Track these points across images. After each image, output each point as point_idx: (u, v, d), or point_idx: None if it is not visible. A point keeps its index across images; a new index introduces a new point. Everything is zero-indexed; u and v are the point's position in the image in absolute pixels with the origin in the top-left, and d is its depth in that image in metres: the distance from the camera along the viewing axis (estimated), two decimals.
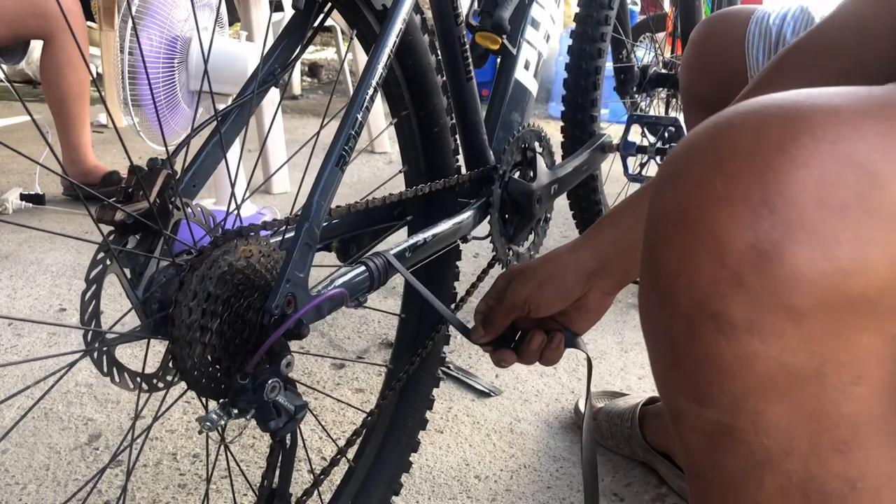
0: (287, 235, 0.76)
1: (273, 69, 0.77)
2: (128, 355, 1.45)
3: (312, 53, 6.18)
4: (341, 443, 1.19)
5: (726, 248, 0.37)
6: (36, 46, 2.92)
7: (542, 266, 0.81)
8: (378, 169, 3.07)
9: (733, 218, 0.37)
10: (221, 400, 0.66)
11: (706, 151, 0.39)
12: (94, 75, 3.87)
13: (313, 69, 5.48)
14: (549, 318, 0.82)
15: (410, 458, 1.06)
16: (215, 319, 0.64)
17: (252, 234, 0.68)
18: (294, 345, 1.60)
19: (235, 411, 0.64)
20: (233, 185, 0.66)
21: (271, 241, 0.71)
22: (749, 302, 0.36)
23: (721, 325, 0.37)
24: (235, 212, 0.72)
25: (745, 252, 0.36)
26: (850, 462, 0.38)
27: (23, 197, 2.36)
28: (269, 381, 0.64)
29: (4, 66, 2.71)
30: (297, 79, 4.84)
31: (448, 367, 1.48)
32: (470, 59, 1.03)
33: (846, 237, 0.35)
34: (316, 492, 0.87)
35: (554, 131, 1.73)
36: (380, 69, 0.74)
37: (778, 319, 0.36)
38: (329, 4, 0.82)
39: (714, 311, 0.37)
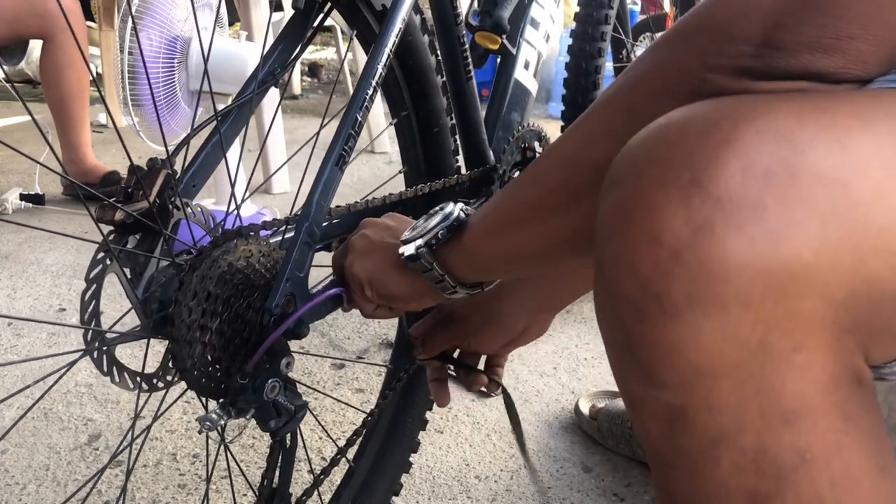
0: (287, 235, 0.76)
1: (273, 69, 0.78)
2: (128, 355, 1.45)
3: (312, 53, 6.18)
4: (341, 443, 1.19)
5: (662, 229, 0.38)
6: (35, 46, 2.92)
7: (485, 305, 0.84)
8: (378, 169, 3.07)
9: (666, 199, 0.38)
10: (221, 400, 0.66)
11: (639, 151, 0.41)
12: (94, 75, 3.88)
13: (313, 69, 5.47)
14: None
15: (410, 459, 1.06)
16: (215, 319, 0.64)
17: (252, 233, 0.68)
18: (294, 345, 1.60)
19: (235, 411, 0.64)
20: (233, 185, 0.66)
21: (271, 240, 0.71)
22: (688, 277, 0.37)
23: (664, 303, 0.38)
24: (235, 212, 0.72)
25: (679, 230, 0.37)
26: (798, 433, 0.38)
27: (22, 197, 2.35)
28: (269, 381, 0.64)
29: (4, 66, 2.71)
30: (297, 79, 4.83)
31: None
32: (470, 60, 1.03)
33: (773, 201, 0.36)
34: (316, 492, 0.87)
35: (554, 131, 1.73)
36: (379, 69, 0.74)
37: (717, 291, 0.37)
38: (329, 4, 0.83)
39: (657, 290, 0.38)
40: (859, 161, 0.37)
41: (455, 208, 0.66)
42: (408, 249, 0.65)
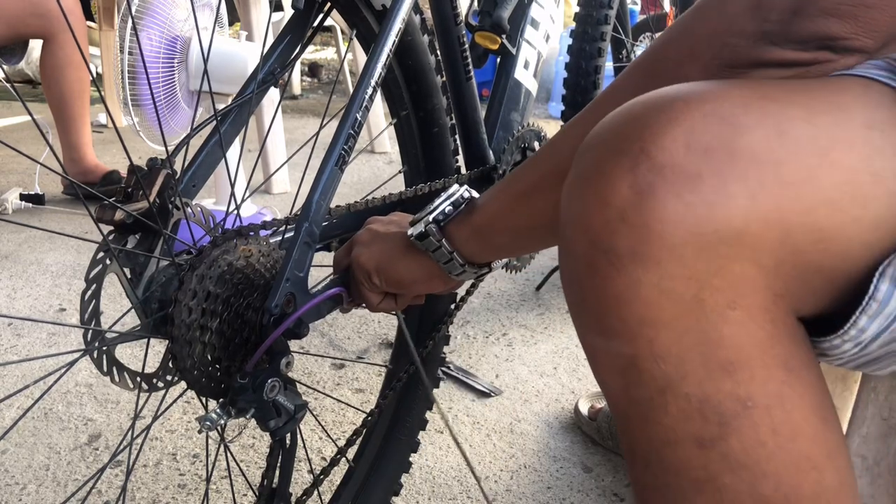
0: (287, 235, 0.76)
1: (272, 69, 0.77)
2: (128, 355, 1.45)
3: (312, 53, 6.18)
4: (341, 443, 1.19)
5: (611, 191, 0.42)
6: (35, 46, 2.92)
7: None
8: (378, 169, 3.07)
9: (617, 165, 0.42)
10: (221, 399, 0.66)
11: (606, 125, 0.45)
12: (94, 75, 3.88)
13: (313, 69, 5.47)
14: None
15: (410, 459, 1.06)
16: (215, 319, 0.63)
17: (252, 233, 0.68)
18: (294, 345, 1.60)
19: (235, 411, 0.64)
20: (232, 185, 0.66)
21: (271, 240, 0.71)
22: (631, 235, 0.42)
23: (611, 258, 0.42)
24: (235, 211, 0.72)
25: (625, 193, 0.42)
26: (738, 382, 0.42)
27: (22, 197, 2.35)
28: (269, 381, 0.64)
29: (4, 66, 2.71)
30: (297, 79, 4.83)
31: (448, 368, 1.48)
32: (469, 59, 1.03)
33: (709, 174, 0.40)
34: (316, 492, 0.87)
35: (554, 131, 1.73)
36: (379, 69, 0.74)
37: (655, 249, 0.41)
38: (329, 5, 0.82)
39: (605, 246, 0.42)
40: (794, 147, 0.41)
41: (460, 188, 0.69)
42: (416, 228, 0.68)
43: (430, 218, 0.67)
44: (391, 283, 0.72)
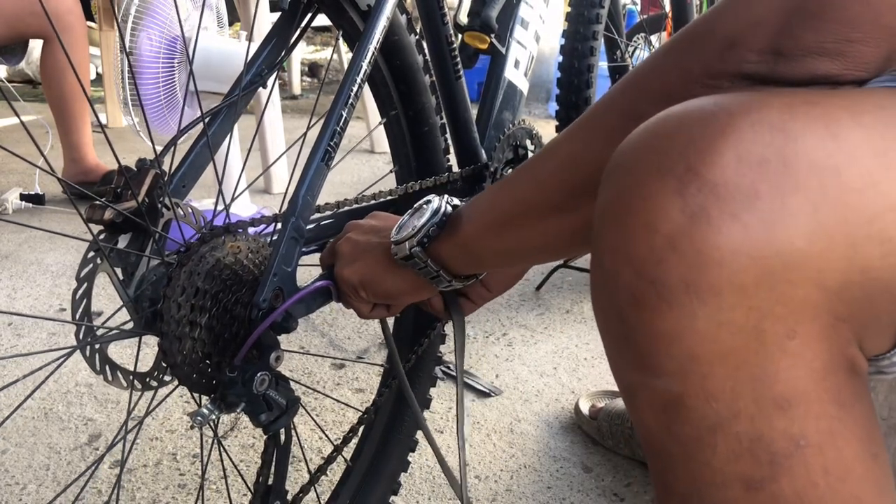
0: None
1: (260, 70, 0.78)
2: (128, 356, 1.45)
3: (312, 53, 6.18)
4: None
5: (658, 216, 0.38)
6: (36, 46, 2.92)
7: None
8: (378, 168, 3.07)
9: (662, 187, 0.38)
10: (213, 395, 0.66)
11: (638, 142, 0.42)
12: (94, 75, 3.88)
13: (313, 69, 5.47)
14: None
15: (409, 458, 1.06)
16: (204, 314, 0.64)
17: (240, 230, 0.68)
18: (295, 345, 1.61)
19: (225, 405, 0.64)
20: (220, 184, 0.67)
21: (259, 237, 0.71)
22: (683, 264, 0.38)
23: (660, 290, 0.38)
24: (225, 210, 0.72)
25: (675, 217, 0.38)
26: (792, 420, 0.39)
27: (23, 197, 2.36)
28: (258, 375, 0.64)
29: (5, 66, 2.72)
30: (297, 79, 4.83)
31: (448, 367, 1.48)
32: (458, 59, 1.02)
33: (766, 188, 0.37)
34: (314, 490, 0.87)
35: (553, 130, 1.73)
36: (364, 66, 0.74)
37: (712, 278, 0.37)
38: (315, 5, 0.82)
39: (653, 277, 0.39)
40: (850, 150, 0.38)
41: (441, 203, 0.66)
42: (401, 251, 0.66)
43: (415, 241, 0.65)
44: (378, 296, 0.71)
